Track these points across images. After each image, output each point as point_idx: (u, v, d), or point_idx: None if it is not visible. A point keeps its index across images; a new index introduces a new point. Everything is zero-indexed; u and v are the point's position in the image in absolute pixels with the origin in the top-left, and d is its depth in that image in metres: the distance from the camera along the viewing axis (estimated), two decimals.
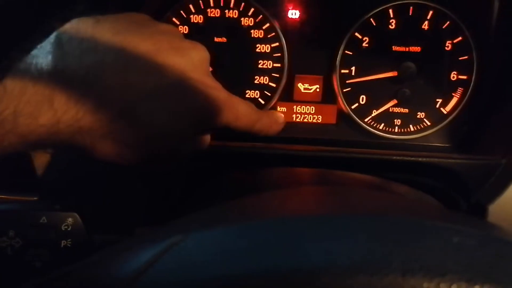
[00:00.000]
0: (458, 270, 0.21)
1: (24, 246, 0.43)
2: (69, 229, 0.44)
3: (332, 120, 0.62)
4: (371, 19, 0.59)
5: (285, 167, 0.56)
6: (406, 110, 0.62)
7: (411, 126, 0.62)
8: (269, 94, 0.62)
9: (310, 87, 0.62)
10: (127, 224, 0.52)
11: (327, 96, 0.62)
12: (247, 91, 0.61)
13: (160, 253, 0.28)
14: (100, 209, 0.48)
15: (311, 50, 0.61)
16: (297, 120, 0.63)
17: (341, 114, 0.62)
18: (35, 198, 0.51)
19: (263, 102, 0.62)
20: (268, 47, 0.60)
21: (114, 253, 0.29)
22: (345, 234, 0.26)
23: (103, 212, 0.48)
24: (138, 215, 0.54)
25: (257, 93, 0.62)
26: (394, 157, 0.57)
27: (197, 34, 0.60)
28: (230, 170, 0.57)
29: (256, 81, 0.61)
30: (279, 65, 0.60)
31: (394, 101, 0.61)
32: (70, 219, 0.44)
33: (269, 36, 0.60)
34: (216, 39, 0.60)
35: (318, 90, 0.62)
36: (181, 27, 0.60)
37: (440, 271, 0.21)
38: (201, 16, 0.59)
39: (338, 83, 0.60)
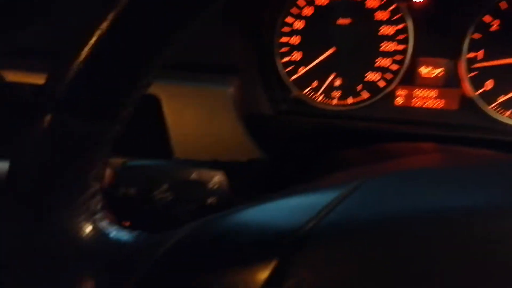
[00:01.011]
0: None
1: (175, 200, 0.44)
2: (215, 187, 0.45)
3: (454, 105, 0.61)
4: (501, 3, 0.58)
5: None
6: None
7: None
8: (390, 77, 0.61)
9: (433, 71, 0.61)
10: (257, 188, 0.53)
11: (450, 81, 0.60)
12: (367, 74, 0.61)
13: (342, 196, 0.28)
14: (239, 171, 0.49)
15: (437, 32, 0.60)
16: (417, 104, 0.62)
17: (464, 100, 0.61)
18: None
19: (383, 85, 0.61)
20: (392, 29, 0.60)
21: (289, 197, 0.30)
22: None
23: (243, 175, 0.49)
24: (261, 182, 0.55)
25: (377, 76, 0.61)
26: None
27: (321, 16, 0.61)
28: (343, 148, 0.58)
29: (377, 64, 0.61)
30: (402, 47, 0.60)
31: None
32: (217, 178, 0.45)
33: (394, 18, 0.60)
34: (339, 21, 0.61)
35: (441, 74, 0.61)
36: (305, 9, 0.61)
37: None
38: None
39: (465, 67, 0.59)
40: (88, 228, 0.29)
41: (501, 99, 0.59)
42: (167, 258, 0.27)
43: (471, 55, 0.59)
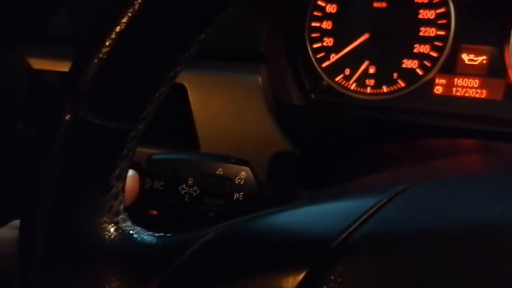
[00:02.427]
0: None
1: (200, 195, 0.43)
2: (242, 182, 0.43)
3: (499, 96, 0.57)
4: None
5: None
6: None
7: None
8: (429, 65, 0.57)
9: (475, 59, 0.57)
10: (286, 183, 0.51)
11: (494, 69, 0.56)
12: (404, 61, 0.58)
13: (381, 205, 0.26)
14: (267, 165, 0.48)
15: (481, 17, 0.56)
16: (458, 94, 0.58)
17: (509, 90, 0.56)
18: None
19: (421, 73, 0.58)
20: (432, 13, 0.56)
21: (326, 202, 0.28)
22: None
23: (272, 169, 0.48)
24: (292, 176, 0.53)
25: (415, 63, 0.58)
26: None
27: None
28: (379, 140, 0.55)
29: (415, 50, 0.57)
30: (443, 33, 0.56)
31: None
32: (243, 173, 0.44)
33: (435, 1, 0.56)
34: (375, 4, 0.57)
35: (484, 62, 0.56)
36: None
37: None
38: None
39: (511, 54, 0.55)
40: (112, 230, 0.27)
41: None
42: (194, 261, 0.26)
43: None
